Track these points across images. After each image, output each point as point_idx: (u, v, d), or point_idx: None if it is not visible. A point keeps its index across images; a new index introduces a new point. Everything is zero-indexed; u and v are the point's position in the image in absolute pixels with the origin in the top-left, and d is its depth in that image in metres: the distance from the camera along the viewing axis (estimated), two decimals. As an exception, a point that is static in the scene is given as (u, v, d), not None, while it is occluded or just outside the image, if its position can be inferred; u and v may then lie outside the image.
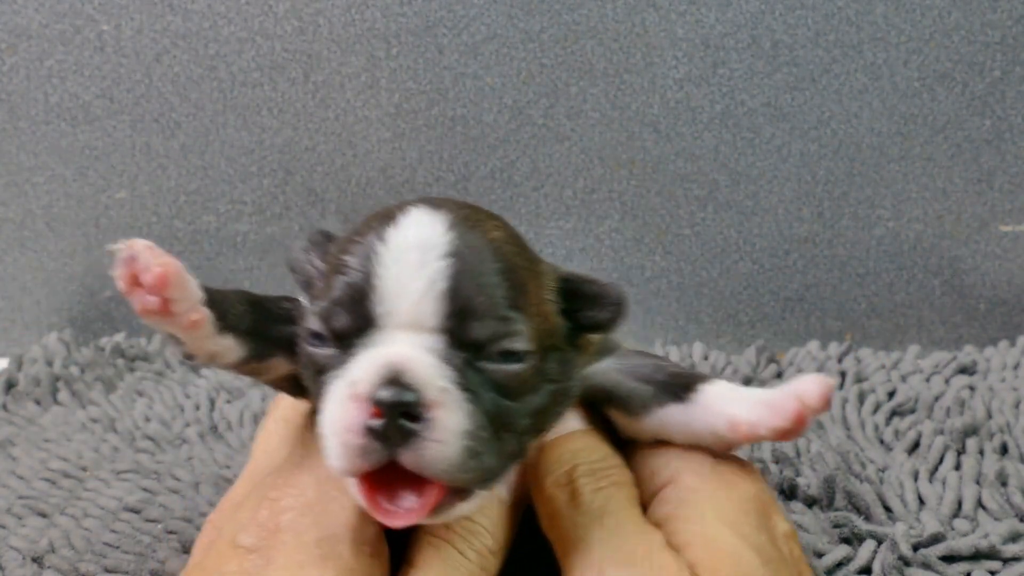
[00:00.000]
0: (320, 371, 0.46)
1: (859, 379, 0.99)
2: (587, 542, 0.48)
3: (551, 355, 0.48)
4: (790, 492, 0.77)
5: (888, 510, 0.75)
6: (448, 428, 0.42)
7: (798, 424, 0.47)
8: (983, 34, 1.06)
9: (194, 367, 1.08)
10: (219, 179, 1.13)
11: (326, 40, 1.09)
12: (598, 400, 0.55)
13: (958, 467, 0.82)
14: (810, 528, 0.71)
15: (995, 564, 0.68)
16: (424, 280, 0.44)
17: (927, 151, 1.09)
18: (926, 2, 1.06)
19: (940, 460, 0.83)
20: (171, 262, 0.43)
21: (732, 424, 0.49)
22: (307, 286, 0.51)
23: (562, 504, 0.50)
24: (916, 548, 0.68)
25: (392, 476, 0.44)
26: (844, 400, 0.94)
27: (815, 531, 0.71)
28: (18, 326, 1.18)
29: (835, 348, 1.06)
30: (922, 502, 0.77)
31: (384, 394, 0.42)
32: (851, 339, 1.12)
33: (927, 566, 0.67)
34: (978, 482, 0.78)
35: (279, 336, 0.50)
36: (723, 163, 1.11)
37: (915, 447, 0.86)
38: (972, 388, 0.97)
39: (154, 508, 0.77)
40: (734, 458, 0.54)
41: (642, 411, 0.53)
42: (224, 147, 1.12)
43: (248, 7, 1.08)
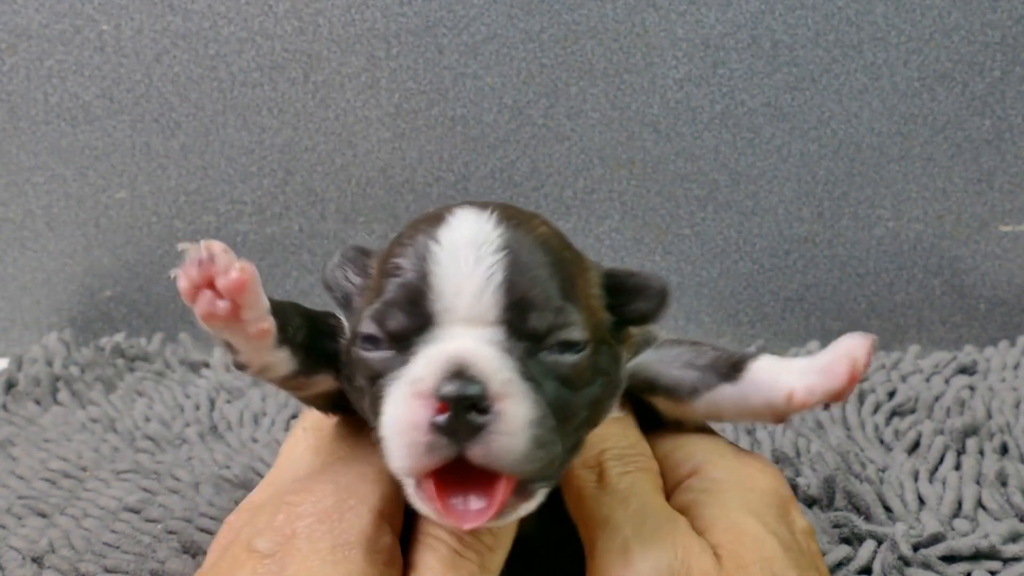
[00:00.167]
0: (376, 375, 0.46)
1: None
2: (612, 523, 0.49)
3: (602, 348, 0.48)
4: (790, 492, 0.77)
5: (888, 510, 0.75)
6: (515, 419, 0.42)
7: (852, 384, 0.48)
8: (983, 34, 1.06)
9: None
10: (219, 179, 1.13)
11: (326, 40, 1.09)
12: (640, 389, 0.55)
13: (958, 467, 0.82)
14: (810, 528, 0.72)
15: (995, 564, 0.68)
16: (481, 275, 0.44)
17: (927, 151, 1.09)
18: (926, 2, 1.06)
19: (940, 460, 0.83)
20: (248, 267, 0.43)
21: (789, 395, 0.50)
22: (345, 302, 0.51)
23: (589, 485, 0.51)
24: (916, 548, 0.68)
25: (456, 478, 0.43)
26: (844, 400, 0.94)
27: (815, 531, 0.71)
28: (18, 326, 1.18)
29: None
30: (922, 502, 0.77)
31: (449, 388, 0.41)
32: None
33: (927, 566, 0.67)
34: (978, 482, 0.78)
35: (327, 352, 0.50)
36: (723, 163, 1.11)
37: (915, 447, 0.86)
38: (972, 388, 0.97)
39: (154, 508, 0.77)
40: (756, 454, 0.55)
41: (691, 396, 0.54)
42: (224, 147, 1.12)
43: (248, 7, 1.08)
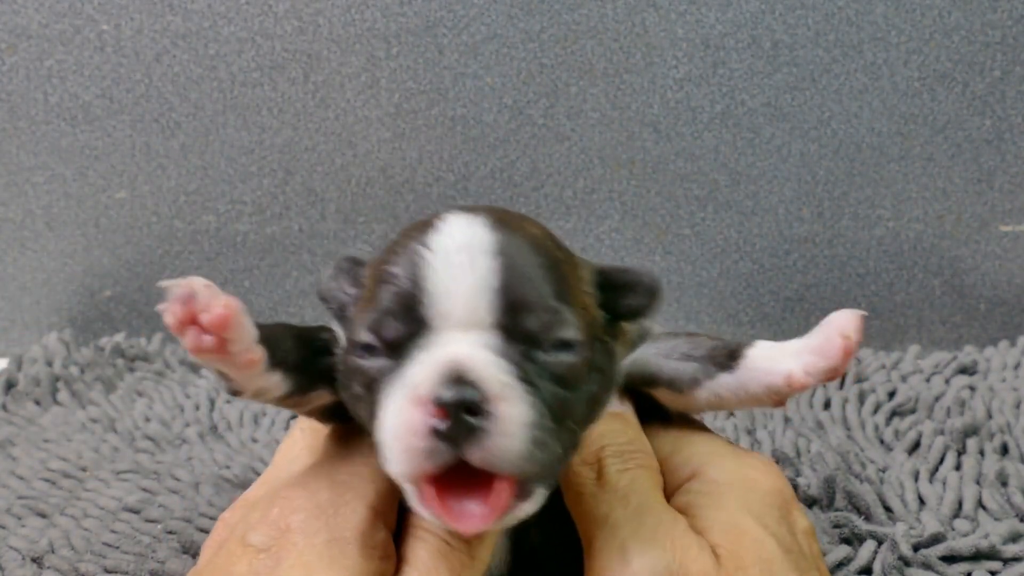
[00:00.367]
0: (372, 383, 0.46)
1: (859, 379, 0.99)
2: (611, 521, 0.49)
3: (597, 345, 0.49)
4: (790, 492, 0.77)
5: (888, 510, 0.75)
6: (513, 420, 0.42)
7: (847, 359, 0.49)
8: (983, 34, 1.06)
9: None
10: (219, 179, 1.13)
11: (326, 40, 1.09)
12: (641, 383, 0.56)
13: (958, 467, 0.82)
14: (810, 528, 0.72)
15: (995, 564, 0.68)
16: (475, 278, 0.44)
17: (927, 151, 1.09)
18: (926, 2, 1.06)
19: (940, 460, 0.83)
20: (231, 302, 0.43)
21: (787, 378, 0.50)
22: (340, 313, 0.51)
23: (588, 482, 0.51)
24: (916, 548, 0.68)
25: (457, 482, 0.43)
26: (844, 400, 0.94)
27: (815, 531, 0.71)
28: (18, 326, 1.18)
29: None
30: (922, 502, 0.77)
31: (446, 393, 0.42)
32: (851, 339, 1.11)
33: (927, 566, 0.67)
34: (978, 482, 0.78)
35: (321, 368, 0.50)
36: (723, 163, 1.11)
37: (915, 447, 0.86)
38: (972, 388, 0.97)
39: (154, 508, 0.77)
40: (757, 454, 0.55)
41: (692, 387, 0.54)
42: (224, 147, 1.12)
43: (248, 7, 1.08)
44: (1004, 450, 0.85)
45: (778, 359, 0.51)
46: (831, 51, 1.07)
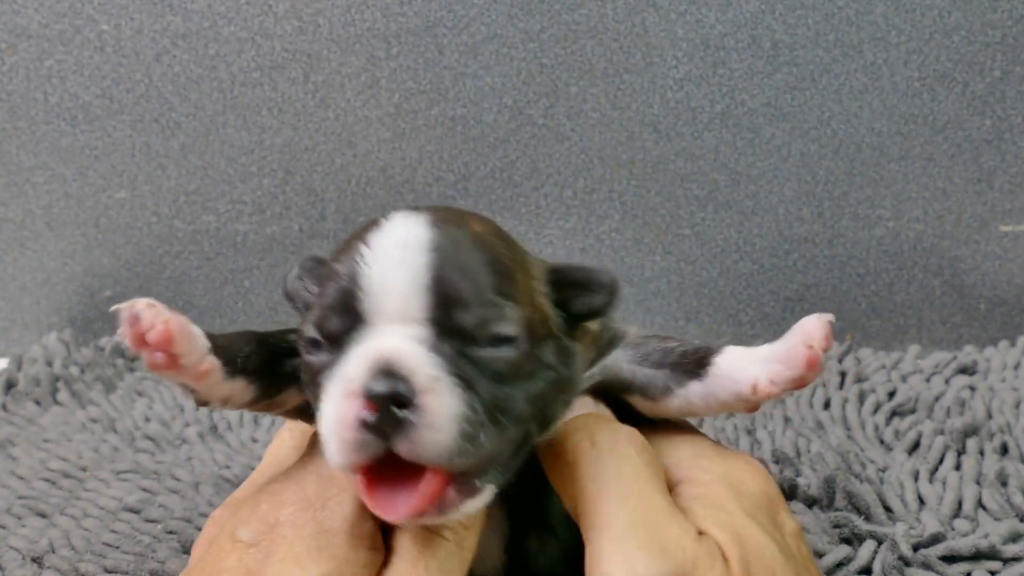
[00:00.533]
0: (317, 377, 0.47)
1: (859, 379, 0.99)
2: (614, 521, 0.47)
3: (546, 342, 0.49)
4: (790, 492, 0.77)
5: (888, 510, 0.75)
6: (439, 413, 0.43)
7: (811, 369, 0.49)
8: (983, 34, 1.06)
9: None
10: (219, 179, 1.13)
11: (326, 40, 1.09)
12: (616, 390, 0.55)
13: (958, 467, 0.81)
14: (810, 528, 0.71)
15: (995, 564, 0.68)
16: (406, 273, 0.45)
17: (927, 151, 1.09)
18: (926, 2, 1.06)
19: (940, 460, 0.83)
20: (173, 318, 0.45)
21: (753, 387, 0.50)
22: (306, 312, 0.52)
23: (583, 452, 0.50)
24: (916, 548, 0.68)
25: (395, 472, 0.44)
26: (844, 400, 0.94)
27: (815, 531, 0.71)
28: (18, 326, 1.18)
29: (835, 348, 1.06)
30: (922, 502, 0.77)
31: (374, 386, 0.43)
32: (851, 339, 1.11)
33: (927, 566, 0.67)
34: (978, 482, 0.78)
35: (288, 371, 0.51)
36: (723, 163, 1.11)
37: (915, 447, 0.86)
38: (972, 388, 0.97)
39: (154, 508, 0.77)
40: (741, 454, 0.55)
41: (664, 395, 0.54)
42: (224, 147, 1.12)
43: (248, 7, 1.08)
44: (1004, 450, 0.85)
45: (745, 367, 0.51)
46: (831, 51, 1.07)
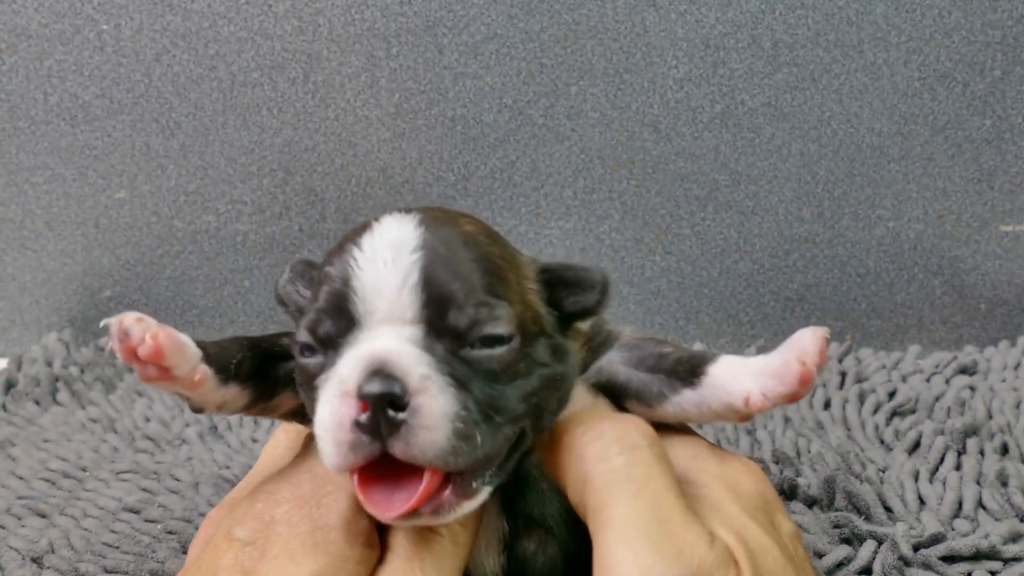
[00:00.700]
0: (312, 380, 0.47)
1: (859, 379, 0.99)
2: (624, 521, 0.46)
3: (539, 341, 0.49)
4: (790, 492, 0.77)
5: (888, 510, 0.75)
6: (433, 413, 0.43)
7: (804, 385, 0.48)
8: (983, 34, 1.06)
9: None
10: (219, 179, 1.13)
11: (326, 40, 1.09)
12: (612, 393, 0.55)
13: (958, 467, 0.81)
14: (810, 528, 0.71)
15: (995, 564, 0.68)
16: (398, 274, 0.45)
17: (927, 151, 1.09)
18: (926, 2, 1.06)
19: (940, 460, 0.83)
20: (162, 332, 0.45)
21: (745, 400, 0.50)
22: (297, 315, 0.52)
23: (589, 445, 0.49)
24: (916, 548, 0.68)
25: (390, 472, 0.44)
26: (844, 400, 0.94)
27: (815, 531, 0.71)
28: (18, 326, 1.18)
29: (835, 348, 1.06)
30: (922, 502, 0.77)
31: (368, 387, 0.43)
32: (851, 339, 1.12)
33: (927, 566, 0.67)
34: (978, 482, 0.78)
35: (282, 374, 0.52)
36: (723, 163, 1.10)
37: (915, 447, 0.86)
38: (972, 388, 0.97)
39: (154, 508, 0.77)
40: (737, 455, 0.55)
41: (658, 401, 0.54)
42: (224, 147, 1.12)
43: (248, 7, 1.08)
44: (1004, 450, 0.85)
45: (738, 379, 0.50)
46: (831, 51, 1.07)
